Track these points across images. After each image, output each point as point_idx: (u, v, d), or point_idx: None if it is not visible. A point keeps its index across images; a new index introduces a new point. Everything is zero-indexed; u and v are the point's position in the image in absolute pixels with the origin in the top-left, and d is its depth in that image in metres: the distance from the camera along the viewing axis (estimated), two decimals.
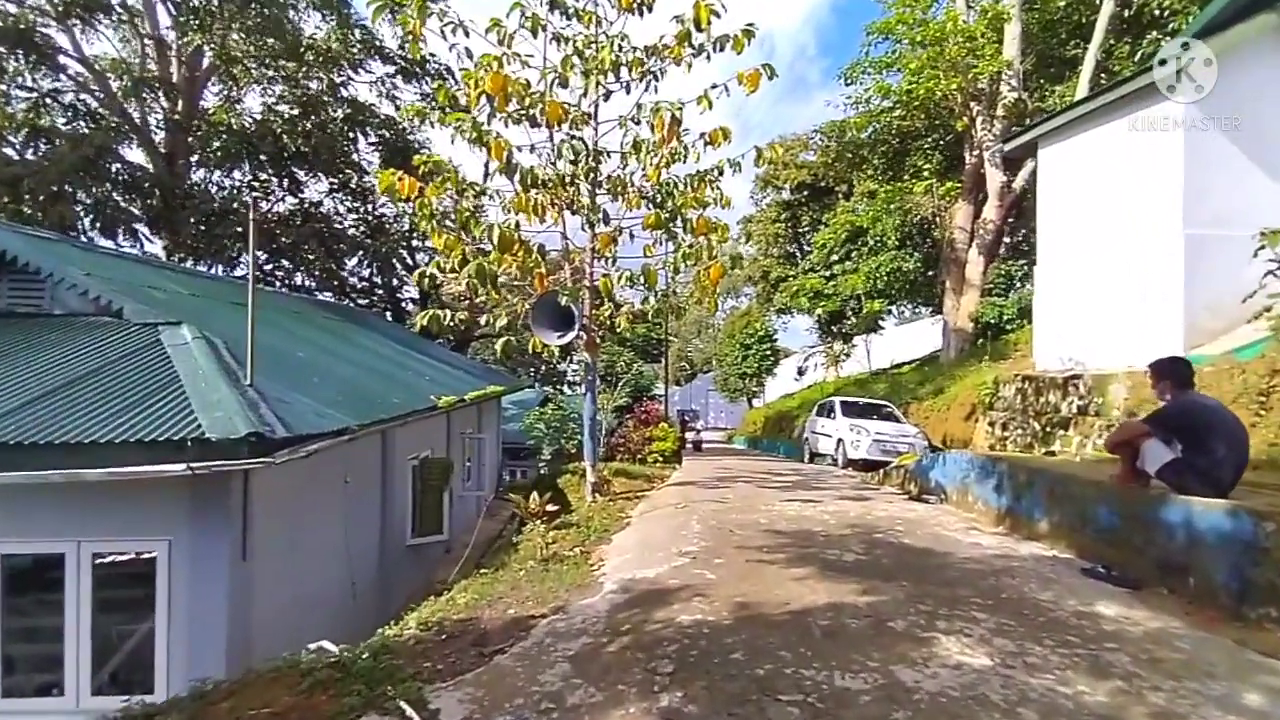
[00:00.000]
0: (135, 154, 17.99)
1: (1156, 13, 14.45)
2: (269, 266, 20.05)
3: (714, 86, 6.75)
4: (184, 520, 5.04)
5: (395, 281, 23.08)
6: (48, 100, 16.27)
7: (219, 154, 18.44)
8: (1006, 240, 21.62)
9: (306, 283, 21.22)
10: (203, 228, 17.26)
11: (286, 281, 20.63)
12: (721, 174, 7.15)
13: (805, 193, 31.75)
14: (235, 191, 19.30)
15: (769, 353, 35.29)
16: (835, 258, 24.19)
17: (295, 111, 19.40)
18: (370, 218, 21.85)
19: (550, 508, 5.97)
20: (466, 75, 6.58)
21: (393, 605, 8.12)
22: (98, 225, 16.08)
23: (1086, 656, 2.96)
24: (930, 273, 21.34)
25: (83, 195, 15.86)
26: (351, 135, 20.74)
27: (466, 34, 6.58)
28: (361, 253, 21.42)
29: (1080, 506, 4.92)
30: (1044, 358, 10.63)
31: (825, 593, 3.86)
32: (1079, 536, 4.86)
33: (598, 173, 7.07)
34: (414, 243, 21.92)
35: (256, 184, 19.64)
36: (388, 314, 23.02)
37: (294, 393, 6.09)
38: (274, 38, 17.76)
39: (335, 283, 21.62)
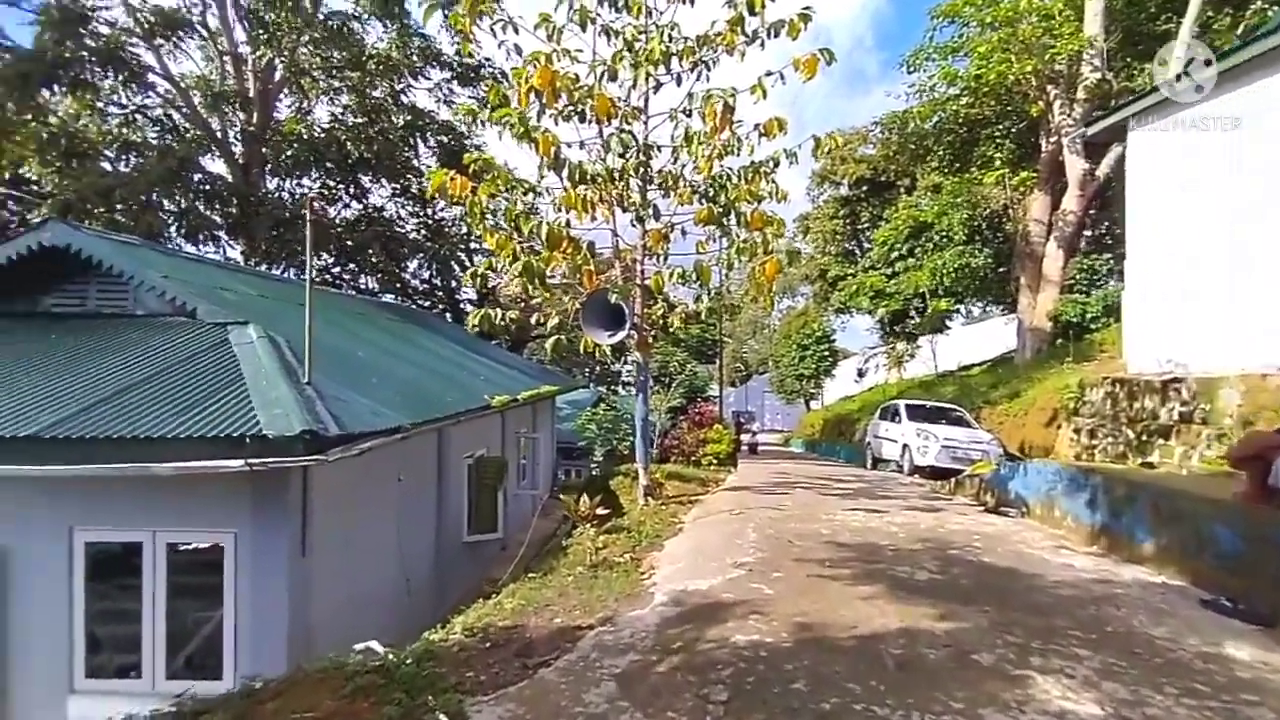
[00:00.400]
0: (216, 165, 19.14)
1: None
2: (335, 270, 20.91)
3: (769, 74, 6.44)
4: (247, 514, 5.17)
5: (454, 283, 23.66)
6: (137, 116, 17.47)
7: (290, 163, 19.37)
8: (1088, 233, 20.13)
9: (370, 285, 22.03)
10: (275, 233, 18.15)
11: (351, 284, 21.46)
12: (777, 166, 6.82)
13: (864, 188, 30.65)
14: (304, 198, 20.22)
15: (827, 353, 34.25)
16: (897, 255, 23.18)
17: (359, 120, 20.16)
18: (430, 221, 22.50)
19: (601, 511, 5.83)
20: (516, 73, 6.53)
21: (448, 600, 8.20)
22: (182, 232, 17.14)
23: (1221, 711, 2.53)
24: (1002, 269, 20.11)
25: (169, 204, 16.94)
26: (411, 141, 21.39)
27: (516, 31, 6.55)
28: (422, 255, 22.09)
29: (1194, 527, 4.35)
30: (1137, 359, 9.71)
31: (896, 615, 3.53)
32: (1194, 562, 4.31)
33: (648, 168, 6.88)
34: (471, 244, 22.41)
35: (325, 191, 20.54)
36: (447, 315, 23.62)
37: (352, 392, 6.18)
38: (339, 49, 18.50)
39: (397, 285, 22.36)
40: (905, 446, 12.78)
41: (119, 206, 15.46)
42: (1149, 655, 3.08)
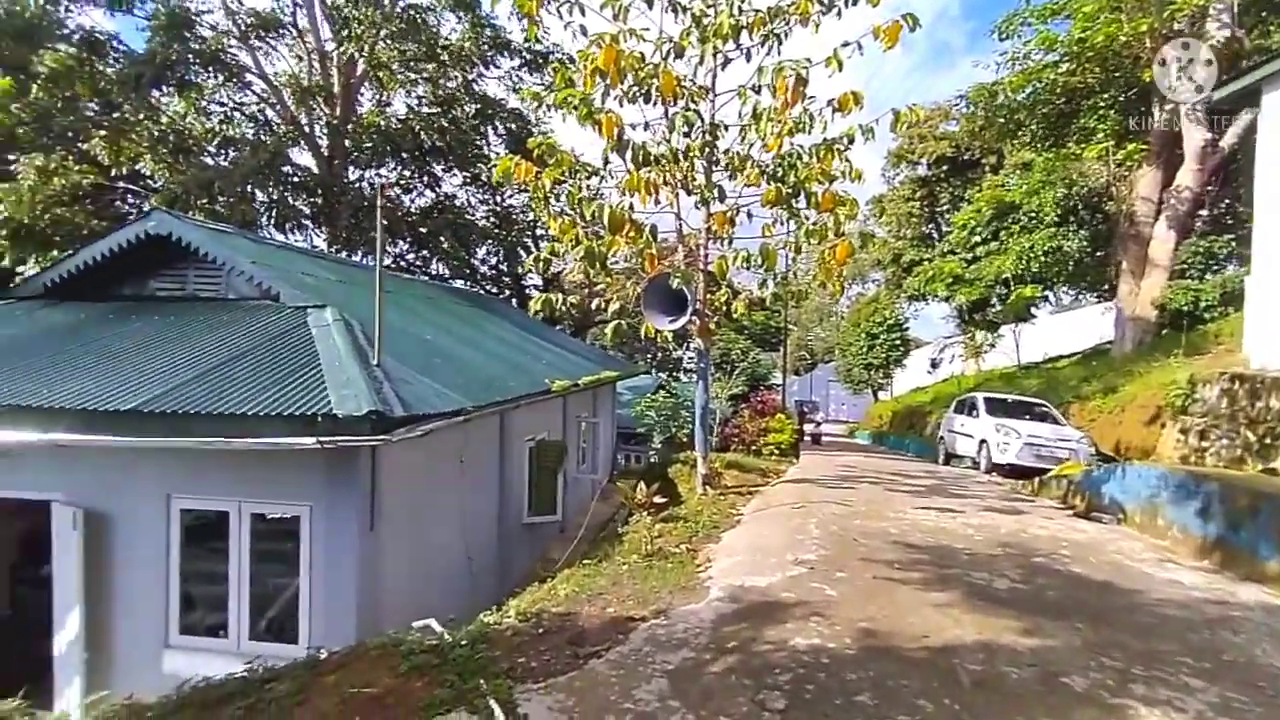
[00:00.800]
0: (303, 157, 20.25)
1: None
2: (409, 256, 21.74)
3: (845, 44, 6.05)
4: (322, 489, 5.43)
5: (519, 269, 24.15)
6: (235, 113, 18.69)
7: (368, 153, 20.21)
8: (1204, 212, 18.14)
9: (440, 271, 22.81)
10: (353, 221, 19.04)
11: (423, 270, 22.28)
12: (851, 143, 6.44)
13: (944, 167, 28.88)
14: (378, 186, 21.10)
15: (898, 342, 32.79)
16: (978, 238, 21.69)
17: (433, 110, 20.76)
18: (498, 208, 23.00)
19: (658, 499, 5.76)
20: (581, 55, 6.44)
21: (509, 578, 8.40)
22: (272, 221, 18.27)
23: None
24: (1099, 253, 18.42)
25: (261, 195, 18.07)
26: (482, 130, 21.85)
27: (583, 12, 6.44)
28: (490, 241, 22.63)
29: None
30: (1262, 353, 8.64)
31: (973, 627, 3.26)
32: None
33: (714, 148, 6.65)
34: (537, 231, 22.76)
35: (400, 180, 21.35)
36: (512, 300, 24.16)
37: (418, 374, 6.36)
38: (415, 42, 19.05)
39: (466, 270, 23.04)
40: (983, 442, 12.02)
41: (219, 198, 16.63)
42: (1275, 692, 2.69)
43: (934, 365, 31.32)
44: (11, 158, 14.37)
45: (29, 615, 6.06)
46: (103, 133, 16.34)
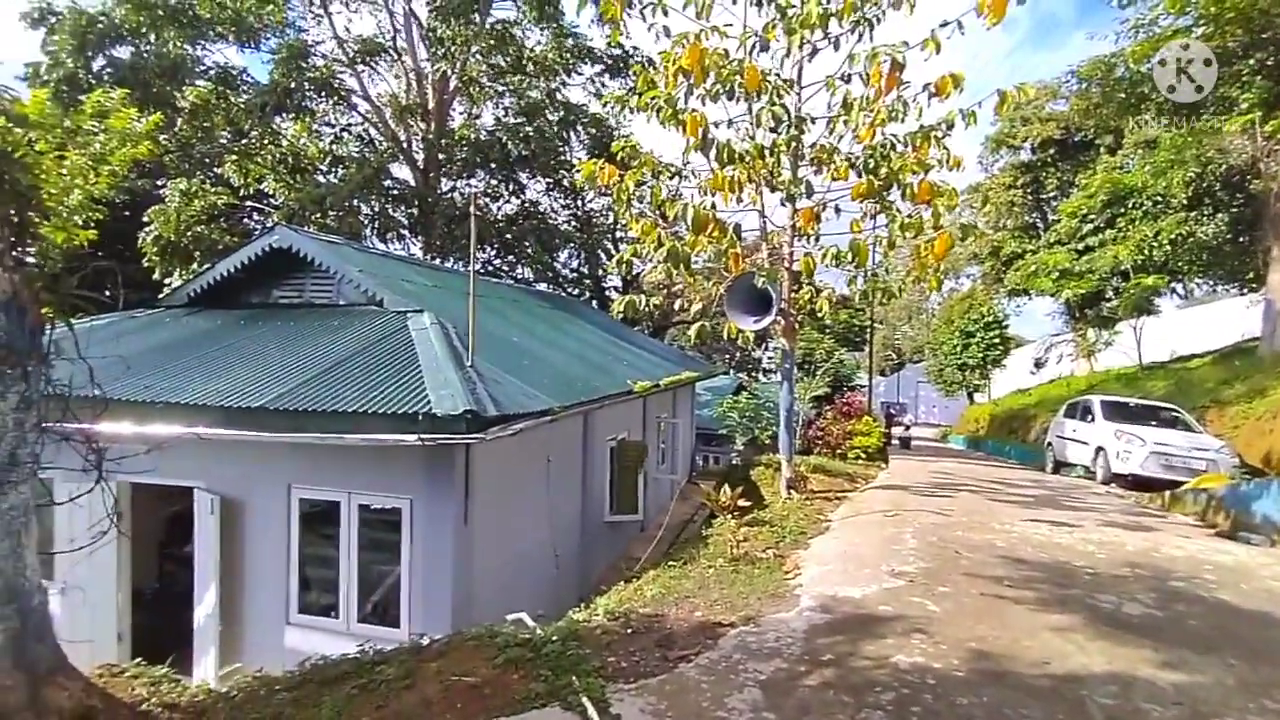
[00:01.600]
0: (401, 171, 21.61)
1: None
2: (496, 262, 22.69)
3: (944, 24, 5.69)
4: (422, 483, 5.75)
5: (600, 271, 24.61)
6: (344, 133, 20.25)
7: (460, 165, 21.28)
8: None
9: (526, 274, 23.64)
10: (447, 230, 20.09)
11: (510, 274, 23.19)
12: (950, 128, 6.04)
13: (1052, 150, 26.65)
14: (468, 196, 22.15)
15: (997, 341, 30.53)
16: (1090, 227, 19.81)
17: (518, 120, 21.56)
18: (580, 213, 23.57)
19: (742, 502, 5.65)
20: (664, 56, 6.44)
21: (592, 574, 8.56)
22: (375, 232, 19.63)
23: None
24: (1242, 238, 16.33)
25: (365, 208, 19.45)
26: (565, 136, 22.45)
27: (665, 13, 6.44)
28: (572, 245, 23.23)
29: None
30: None
31: (1101, 655, 2.95)
32: None
33: (800, 142, 6.45)
34: (618, 233, 23.11)
35: (488, 190, 22.33)
36: (594, 302, 24.64)
37: (507, 375, 6.60)
38: (502, 56, 19.87)
39: (549, 274, 23.75)
40: (1100, 450, 10.96)
41: (330, 212, 18.08)
42: None
43: (1038, 365, 28.93)
44: (160, 183, 16.32)
45: (175, 589, 6.83)
46: (233, 157, 18.20)
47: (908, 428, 24.48)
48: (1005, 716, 2.39)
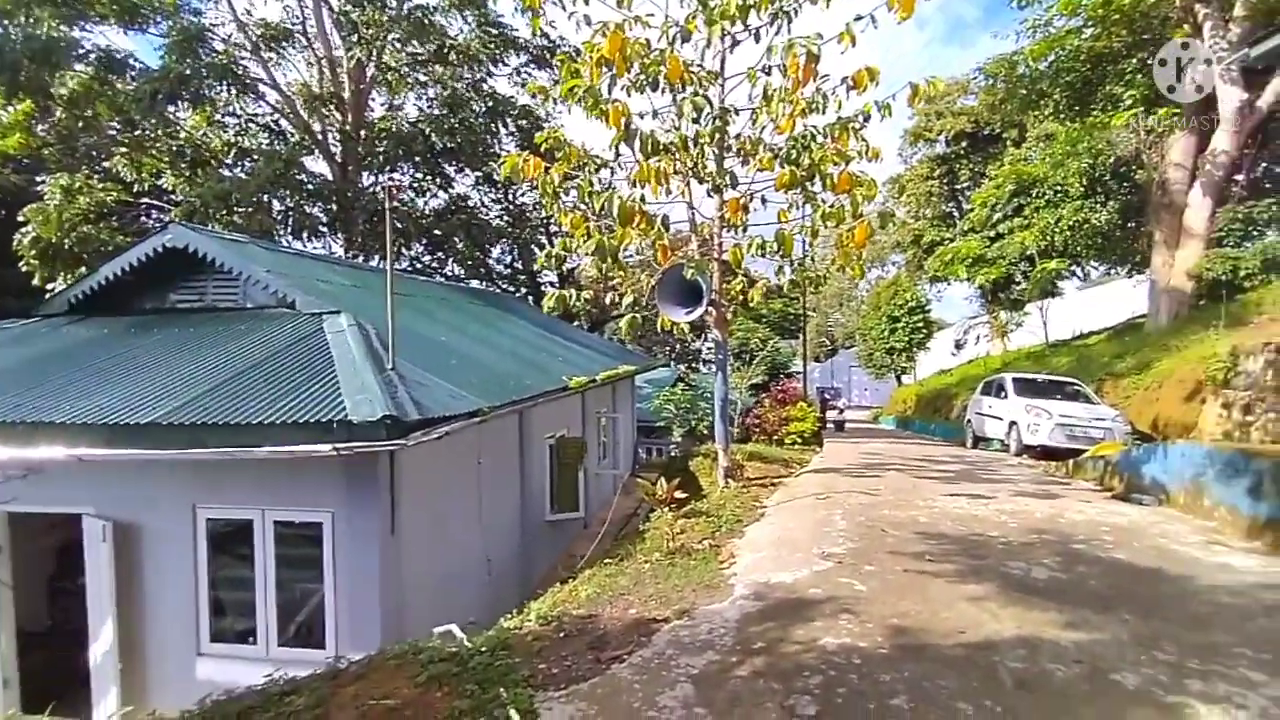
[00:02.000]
0: (317, 164, 20.43)
1: None
2: (425, 259, 21.87)
3: (858, 18, 5.84)
4: (342, 495, 5.43)
5: (534, 266, 24.17)
6: (250, 124, 18.91)
7: (381, 158, 20.32)
8: (1242, 176, 17.39)
9: (456, 272, 22.91)
10: (368, 226, 19.18)
11: (439, 272, 22.41)
12: (867, 120, 6.22)
13: (964, 143, 28.20)
14: (386, 188, 21.23)
15: (921, 325, 32.17)
16: (1000, 215, 21.12)
17: (443, 111, 20.80)
18: (511, 207, 23.04)
19: (679, 494, 5.66)
20: (586, 45, 6.31)
21: (532, 576, 8.39)
22: (289, 229, 18.47)
23: None
24: (1130, 224, 17.80)
25: (277, 204, 18.28)
26: (493, 128, 21.84)
27: (587, 1, 6.32)
28: (504, 240, 22.68)
29: None
30: None
31: (1012, 621, 3.11)
32: None
33: (724, 133, 6.48)
34: (551, 228, 22.75)
35: (414, 183, 21.45)
36: (529, 298, 24.20)
37: (433, 376, 6.33)
38: (422, 43, 19.07)
39: (481, 270, 23.12)
40: (1013, 424, 11.70)
41: (236, 209, 16.87)
42: None
43: (958, 347, 30.71)
44: (39, 179, 14.73)
45: (68, 627, 6.19)
46: (123, 150, 16.66)
47: (841, 411, 25.42)
48: (924, 690, 2.47)
